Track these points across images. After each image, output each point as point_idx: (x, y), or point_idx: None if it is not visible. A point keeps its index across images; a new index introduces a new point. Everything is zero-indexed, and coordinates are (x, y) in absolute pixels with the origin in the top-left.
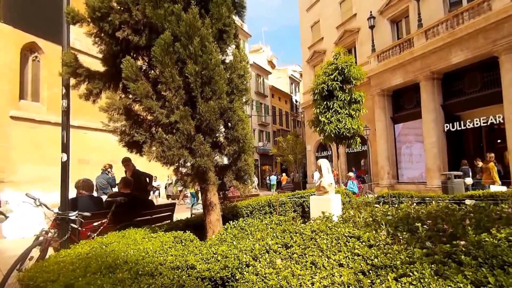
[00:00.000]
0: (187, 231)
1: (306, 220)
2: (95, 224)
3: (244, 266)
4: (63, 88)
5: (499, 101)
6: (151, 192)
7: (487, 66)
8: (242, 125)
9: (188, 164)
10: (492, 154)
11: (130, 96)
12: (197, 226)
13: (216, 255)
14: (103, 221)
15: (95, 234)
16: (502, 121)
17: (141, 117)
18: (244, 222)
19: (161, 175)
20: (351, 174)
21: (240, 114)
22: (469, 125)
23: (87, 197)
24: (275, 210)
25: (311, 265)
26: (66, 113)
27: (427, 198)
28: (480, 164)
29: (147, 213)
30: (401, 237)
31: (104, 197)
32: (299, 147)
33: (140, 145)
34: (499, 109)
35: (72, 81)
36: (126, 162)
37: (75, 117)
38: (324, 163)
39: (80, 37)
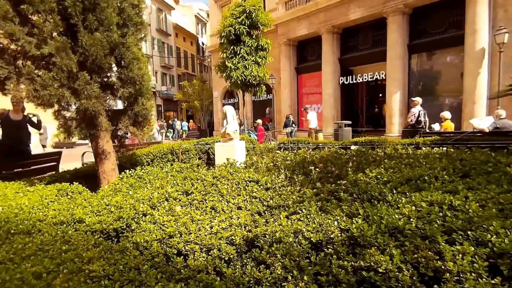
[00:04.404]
0: (75, 182)
1: (211, 167)
2: None
3: (141, 215)
4: None
5: (384, 59)
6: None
7: (378, 25)
8: (138, 64)
9: (73, 107)
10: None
11: None
12: (89, 177)
13: (109, 207)
14: None
15: None
16: (384, 77)
17: (0, 45)
18: (143, 170)
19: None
20: (259, 121)
21: (135, 51)
22: (359, 80)
23: None
24: (178, 157)
25: (211, 210)
26: None
27: (321, 144)
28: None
29: (22, 164)
30: (296, 180)
31: None
32: (206, 93)
33: (2, 82)
34: (383, 67)
35: None
36: (18, 103)
37: None
38: (229, 109)
39: None
